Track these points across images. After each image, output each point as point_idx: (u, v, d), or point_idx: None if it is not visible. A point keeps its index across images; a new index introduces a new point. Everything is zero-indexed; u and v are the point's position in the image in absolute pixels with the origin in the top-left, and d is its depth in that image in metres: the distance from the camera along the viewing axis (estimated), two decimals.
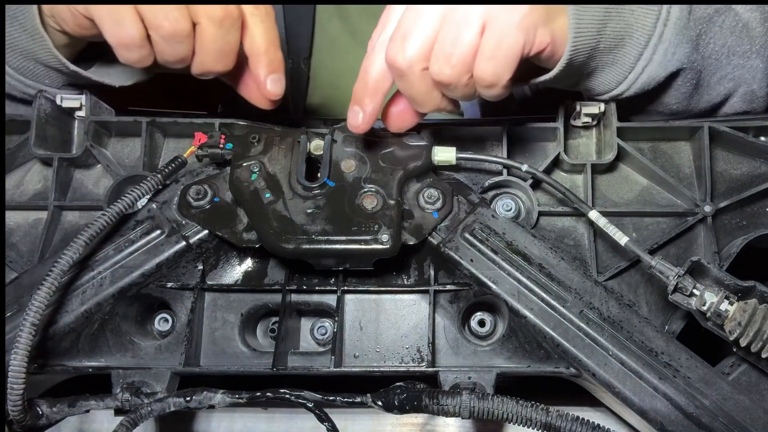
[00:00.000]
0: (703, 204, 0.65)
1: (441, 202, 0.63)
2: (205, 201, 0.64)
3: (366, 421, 0.67)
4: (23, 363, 0.53)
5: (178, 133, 0.72)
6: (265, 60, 0.63)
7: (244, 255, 0.66)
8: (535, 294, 0.61)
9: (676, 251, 0.66)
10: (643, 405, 0.57)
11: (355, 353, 0.63)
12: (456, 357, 0.63)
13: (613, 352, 0.59)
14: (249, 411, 0.68)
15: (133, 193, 0.62)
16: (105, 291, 0.62)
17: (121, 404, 0.58)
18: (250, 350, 0.64)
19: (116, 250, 0.63)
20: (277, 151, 0.64)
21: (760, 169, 0.69)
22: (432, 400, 0.55)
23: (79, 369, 0.62)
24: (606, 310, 0.61)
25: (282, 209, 0.61)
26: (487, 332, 0.65)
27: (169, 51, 0.59)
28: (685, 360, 0.58)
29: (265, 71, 0.63)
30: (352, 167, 0.63)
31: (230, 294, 0.65)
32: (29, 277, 0.63)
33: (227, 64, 0.61)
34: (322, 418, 0.56)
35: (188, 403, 0.57)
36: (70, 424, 0.66)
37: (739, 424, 0.56)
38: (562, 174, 0.70)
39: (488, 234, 0.63)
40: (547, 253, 0.63)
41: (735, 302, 0.55)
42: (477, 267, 0.62)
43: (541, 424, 0.54)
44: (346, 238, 0.59)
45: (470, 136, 0.70)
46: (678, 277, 0.57)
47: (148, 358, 0.63)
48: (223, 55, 0.60)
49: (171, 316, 0.66)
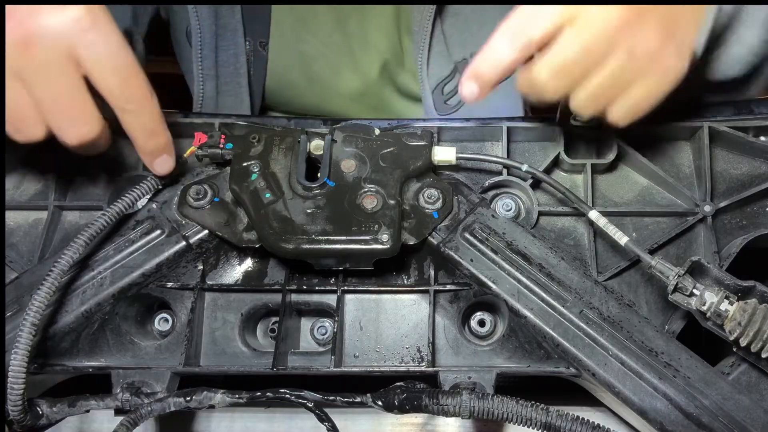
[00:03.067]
0: (703, 204, 0.65)
1: (441, 202, 0.63)
2: (205, 201, 0.64)
3: (366, 421, 0.67)
4: (23, 363, 0.53)
5: (178, 133, 0.71)
6: (147, 150, 0.61)
7: (244, 255, 0.66)
8: (535, 294, 0.61)
9: (676, 251, 0.66)
10: (643, 405, 0.57)
11: (355, 353, 0.63)
12: (456, 357, 0.63)
13: (613, 352, 0.59)
14: (249, 411, 0.68)
15: (133, 193, 0.62)
16: (105, 291, 0.62)
17: (121, 404, 0.58)
18: (250, 350, 0.64)
19: (116, 250, 0.63)
20: (277, 151, 0.65)
21: (760, 169, 0.69)
22: (432, 400, 0.55)
23: (79, 369, 0.62)
24: (606, 310, 0.61)
25: (282, 209, 0.61)
26: (487, 332, 0.65)
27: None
28: (685, 360, 0.58)
29: (150, 159, 0.62)
30: (352, 167, 0.63)
31: (230, 294, 0.65)
32: (29, 277, 0.63)
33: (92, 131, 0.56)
34: (322, 418, 0.56)
35: (188, 403, 0.57)
36: (70, 424, 0.66)
37: (739, 424, 0.56)
38: (562, 174, 0.70)
39: (488, 234, 0.63)
40: (547, 253, 0.63)
41: (735, 302, 0.55)
42: (477, 267, 0.62)
43: (541, 424, 0.54)
44: (346, 238, 0.59)
45: (470, 136, 0.70)
46: (678, 277, 0.57)
47: (148, 358, 0.63)
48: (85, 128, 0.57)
49: (171, 316, 0.66)
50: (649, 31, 0.54)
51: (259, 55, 0.97)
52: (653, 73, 0.56)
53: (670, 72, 0.57)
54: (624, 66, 0.55)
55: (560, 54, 0.55)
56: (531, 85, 0.57)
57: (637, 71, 0.56)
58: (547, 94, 0.57)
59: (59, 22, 0.52)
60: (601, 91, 0.57)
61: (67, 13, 0.52)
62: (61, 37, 0.52)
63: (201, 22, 0.91)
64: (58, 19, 0.52)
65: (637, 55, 0.55)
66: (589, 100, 0.57)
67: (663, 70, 0.56)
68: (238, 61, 0.95)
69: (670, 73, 0.57)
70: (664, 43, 0.55)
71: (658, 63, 0.56)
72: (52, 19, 0.52)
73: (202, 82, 0.95)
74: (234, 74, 0.96)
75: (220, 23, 0.93)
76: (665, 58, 0.56)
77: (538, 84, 0.56)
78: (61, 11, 0.52)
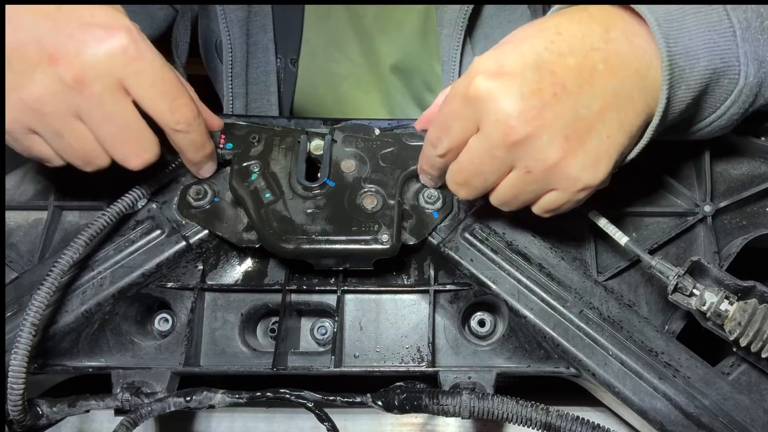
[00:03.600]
0: (703, 204, 0.65)
1: (441, 202, 0.63)
2: (205, 201, 0.64)
3: (366, 421, 0.67)
4: (23, 363, 0.53)
5: None
6: (196, 161, 0.62)
7: (244, 255, 0.66)
8: (535, 294, 0.61)
9: (676, 251, 0.66)
10: (643, 405, 0.57)
11: (355, 353, 0.63)
12: (456, 357, 0.63)
13: (613, 352, 0.59)
14: (249, 411, 0.68)
15: (133, 193, 0.62)
16: (105, 291, 0.62)
17: (121, 404, 0.58)
18: (250, 350, 0.64)
19: (116, 250, 0.63)
20: (277, 151, 0.65)
21: (760, 169, 0.69)
22: (432, 400, 0.55)
23: (79, 369, 0.62)
24: (606, 310, 0.61)
25: (282, 209, 0.61)
26: (487, 332, 0.65)
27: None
28: (685, 360, 0.58)
29: (196, 168, 0.64)
30: (352, 167, 0.63)
31: (230, 294, 0.65)
32: (29, 277, 0.63)
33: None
34: (322, 418, 0.56)
35: (188, 403, 0.57)
36: (70, 424, 0.66)
37: (739, 424, 0.56)
38: None
39: (488, 234, 0.63)
40: (547, 253, 0.63)
41: (735, 302, 0.55)
42: (477, 267, 0.62)
43: (541, 424, 0.54)
44: (346, 238, 0.59)
45: None
46: (678, 277, 0.57)
47: (148, 358, 0.63)
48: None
49: (171, 316, 0.66)
50: (547, 146, 0.51)
51: (290, 71, 0.97)
52: (557, 185, 0.54)
53: (579, 183, 0.53)
54: (522, 178, 0.53)
55: (462, 162, 0.55)
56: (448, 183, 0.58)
57: (538, 183, 0.54)
58: (460, 195, 0.58)
59: (107, 56, 0.52)
60: (508, 198, 0.56)
61: (112, 45, 0.52)
62: (112, 71, 0.52)
63: (232, 40, 0.91)
64: (106, 52, 0.52)
65: (533, 170, 0.52)
66: (500, 204, 0.58)
67: (568, 182, 0.53)
68: (269, 79, 0.95)
69: (579, 184, 0.53)
70: (566, 156, 0.51)
71: (560, 176, 0.52)
72: (100, 53, 0.52)
73: (232, 100, 0.95)
74: (264, 92, 0.96)
75: (251, 41, 0.93)
76: (570, 170, 0.52)
77: (451, 187, 0.58)
78: (105, 42, 0.52)
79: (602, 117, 0.52)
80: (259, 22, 0.92)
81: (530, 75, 0.50)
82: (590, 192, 0.54)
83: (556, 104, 0.50)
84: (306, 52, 0.96)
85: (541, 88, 0.50)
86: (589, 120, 0.51)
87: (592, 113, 0.51)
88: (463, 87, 0.52)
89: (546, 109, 0.50)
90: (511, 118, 0.50)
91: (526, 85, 0.50)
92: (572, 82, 0.51)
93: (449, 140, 0.55)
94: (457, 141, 0.55)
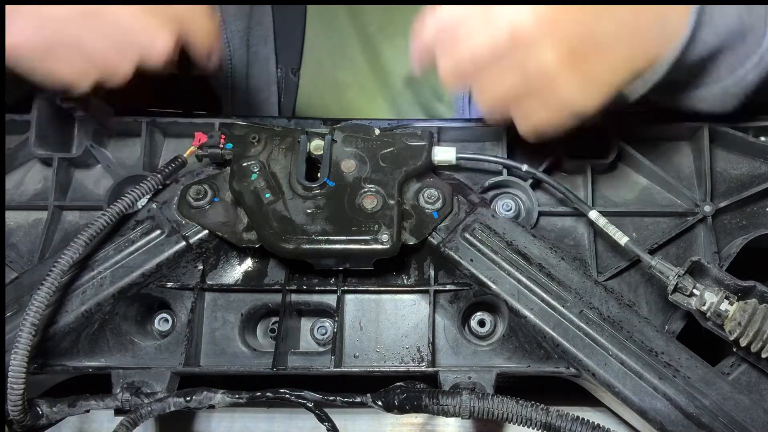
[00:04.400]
0: (703, 204, 0.65)
1: (441, 202, 0.63)
2: (205, 201, 0.64)
3: (366, 421, 0.67)
4: (23, 363, 0.53)
5: (178, 133, 0.72)
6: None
7: (244, 255, 0.66)
8: (535, 294, 0.61)
9: (676, 251, 0.66)
10: (643, 405, 0.57)
11: (355, 353, 0.63)
12: (456, 357, 0.63)
13: (613, 352, 0.59)
14: (249, 411, 0.68)
15: (133, 193, 0.62)
16: (105, 291, 0.62)
17: (121, 404, 0.58)
18: (250, 350, 0.64)
19: (116, 250, 0.63)
20: (277, 151, 0.64)
21: (760, 169, 0.69)
22: (432, 400, 0.55)
23: (79, 369, 0.62)
24: (606, 310, 0.61)
25: (282, 209, 0.61)
26: (487, 332, 0.65)
27: None
28: (685, 360, 0.58)
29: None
30: (352, 167, 0.63)
31: (230, 294, 0.65)
32: (29, 277, 0.63)
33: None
34: (322, 418, 0.56)
35: (188, 403, 0.57)
36: (70, 424, 0.66)
37: (739, 424, 0.56)
38: (563, 174, 0.70)
39: (488, 234, 0.63)
40: (547, 253, 0.63)
41: (735, 302, 0.55)
42: (477, 267, 0.62)
43: (541, 424, 0.53)
44: (346, 238, 0.59)
45: (470, 136, 0.70)
46: (678, 277, 0.57)
47: (148, 358, 0.63)
48: None
49: (171, 316, 0.66)
50: (547, 51, 0.50)
51: (290, 81, 0.96)
52: (546, 96, 0.53)
53: (567, 103, 0.52)
54: (517, 74, 0.52)
55: (462, 51, 0.54)
56: (440, 74, 0.56)
57: (527, 86, 0.53)
58: (447, 84, 0.56)
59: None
60: (495, 91, 0.54)
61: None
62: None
63: (232, 52, 0.91)
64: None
65: (528, 69, 0.51)
66: (485, 99, 0.56)
67: (557, 98, 0.52)
68: (269, 90, 0.95)
69: (567, 104, 0.52)
70: (561, 69, 0.51)
71: (551, 89, 0.52)
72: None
73: (231, 110, 0.94)
74: (264, 103, 0.95)
75: (252, 51, 0.92)
76: (562, 86, 0.52)
77: (441, 74, 0.56)
78: None
79: (614, 46, 0.52)
80: (260, 33, 0.92)
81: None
82: (575, 117, 0.53)
83: (573, 17, 0.51)
84: (310, 60, 0.96)
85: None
86: (599, 43, 0.51)
87: (604, 38, 0.51)
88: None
89: (561, 17, 0.50)
90: (527, 16, 0.50)
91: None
92: (593, 8, 0.51)
93: (458, 29, 0.53)
94: (467, 32, 0.53)
